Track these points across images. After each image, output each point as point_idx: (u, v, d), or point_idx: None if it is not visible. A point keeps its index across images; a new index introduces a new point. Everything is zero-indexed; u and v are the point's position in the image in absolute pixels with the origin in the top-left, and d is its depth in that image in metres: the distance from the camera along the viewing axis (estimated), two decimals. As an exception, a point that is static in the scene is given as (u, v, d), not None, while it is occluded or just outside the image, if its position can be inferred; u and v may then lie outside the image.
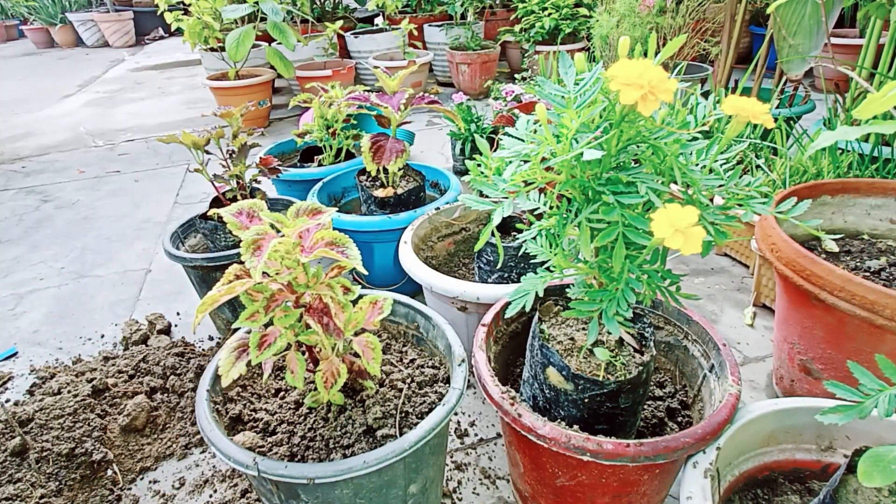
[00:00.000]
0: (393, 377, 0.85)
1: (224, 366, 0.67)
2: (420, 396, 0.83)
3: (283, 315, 0.66)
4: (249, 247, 0.58)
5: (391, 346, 0.96)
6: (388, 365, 0.89)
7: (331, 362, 0.72)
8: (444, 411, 0.72)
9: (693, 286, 1.53)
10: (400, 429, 0.77)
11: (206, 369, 0.83)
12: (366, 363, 0.72)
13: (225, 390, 0.88)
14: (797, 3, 1.49)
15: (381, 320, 0.96)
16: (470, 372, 0.91)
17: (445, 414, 0.72)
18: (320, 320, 0.64)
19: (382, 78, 1.47)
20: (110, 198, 2.39)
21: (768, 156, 1.61)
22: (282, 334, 0.67)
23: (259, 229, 0.62)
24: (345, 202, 1.74)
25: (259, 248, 0.59)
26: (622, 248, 0.58)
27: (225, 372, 0.67)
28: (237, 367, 0.67)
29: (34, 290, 1.72)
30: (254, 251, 0.59)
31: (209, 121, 3.21)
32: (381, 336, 0.98)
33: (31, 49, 7.02)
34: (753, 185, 0.60)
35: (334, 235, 0.64)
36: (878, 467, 0.51)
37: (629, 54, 0.59)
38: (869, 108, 0.55)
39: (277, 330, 0.67)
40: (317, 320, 0.64)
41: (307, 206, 0.69)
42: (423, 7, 4.23)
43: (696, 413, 0.88)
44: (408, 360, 0.91)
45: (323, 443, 0.76)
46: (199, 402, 0.78)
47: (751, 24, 3.64)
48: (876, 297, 0.81)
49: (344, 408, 0.79)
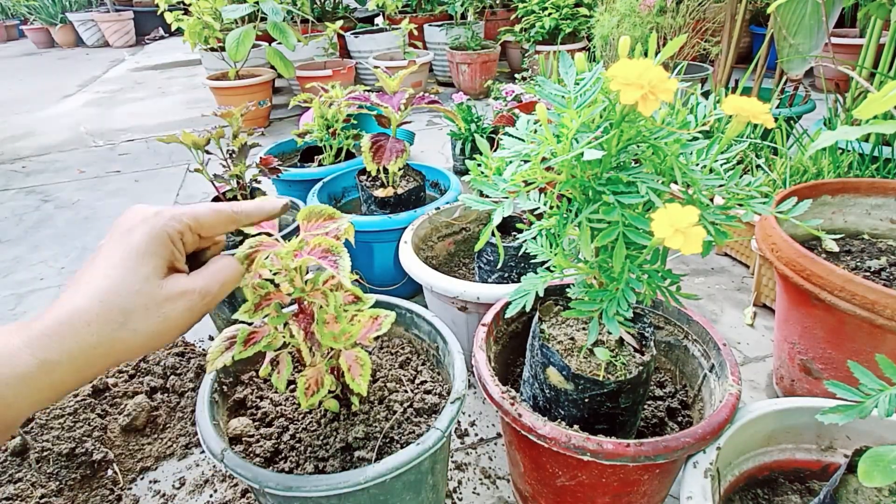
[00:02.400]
0: (393, 397, 0.81)
1: (212, 353, 0.67)
2: (412, 425, 0.78)
3: (276, 315, 0.66)
4: (242, 262, 0.57)
5: (410, 361, 0.92)
6: (396, 382, 0.85)
7: (318, 370, 0.70)
8: (416, 452, 0.66)
9: (693, 286, 1.53)
10: (379, 455, 0.72)
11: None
12: (350, 379, 0.69)
13: (238, 373, 0.87)
14: (798, 3, 1.49)
15: (409, 332, 0.94)
16: (470, 372, 0.90)
17: (416, 455, 0.65)
18: (305, 328, 0.63)
19: (382, 78, 1.47)
20: (111, 198, 2.39)
21: (768, 156, 1.61)
22: (270, 334, 0.66)
23: (253, 241, 0.60)
24: (345, 202, 1.74)
25: (251, 262, 0.58)
26: (622, 247, 0.58)
27: (211, 360, 0.66)
28: (222, 358, 0.66)
29: (34, 290, 1.72)
30: (247, 267, 0.58)
31: (209, 121, 3.21)
32: (404, 349, 0.93)
33: (32, 49, 7.02)
34: (754, 184, 0.60)
35: (330, 244, 0.61)
36: (878, 467, 0.51)
37: (629, 54, 0.59)
38: (869, 108, 0.55)
39: (266, 329, 0.67)
40: (301, 326, 0.63)
41: (321, 210, 0.66)
42: (423, 7, 4.23)
43: (697, 413, 0.88)
44: (419, 381, 0.86)
45: (303, 448, 0.74)
46: (205, 381, 0.77)
47: (751, 24, 3.63)
48: (876, 297, 0.81)
49: (337, 417, 0.77)
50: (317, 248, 0.61)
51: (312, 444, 0.74)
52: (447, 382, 0.86)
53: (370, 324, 0.74)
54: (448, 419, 0.71)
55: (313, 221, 0.66)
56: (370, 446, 0.73)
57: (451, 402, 0.74)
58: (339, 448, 0.73)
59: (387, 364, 0.89)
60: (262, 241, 0.62)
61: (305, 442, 0.75)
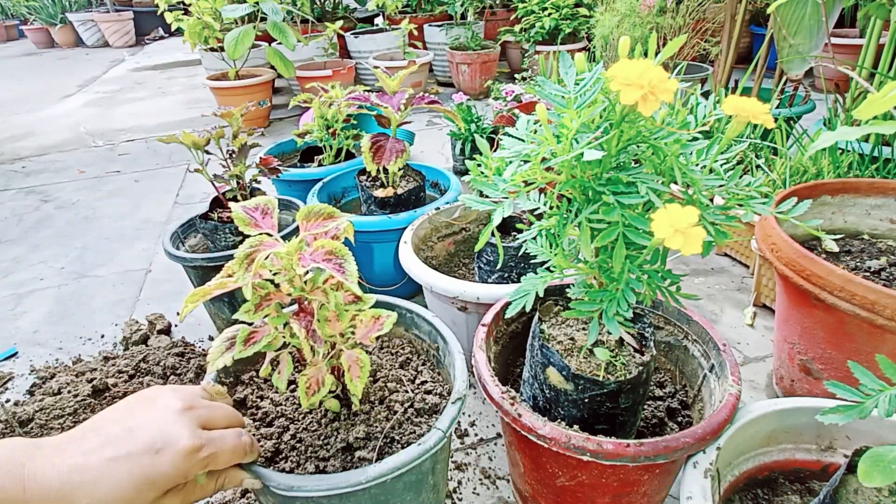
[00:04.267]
0: (394, 397, 0.81)
1: (212, 354, 0.67)
2: (413, 425, 0.78)
3: (276, 315, 0.65)
4: (242, 262, 0.57)
5: (410, 361, 0.92)
6: (396, 382, 0.85)
7: (319, 369, 0.70)
8: (417, 452, 0.66)
9: (693, 286, 1.53)
10: (380, 455, 0.72)
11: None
12: (349, 380, 0.69)
13: (238, 373, 0.87)
14: (798, 3, 1.49)
15: (409, 333, 0.94)
16: (470, 372, 0.90)
17: (417, 455, 0.66)
18: (306, 325, 0.63)
19: (382, 78, 1.47)
20: (110, 198, 2.39)
21: (768, 156, 1.61)
22: (270, 334, 0.66)
23: (254, 241, 0.60)
24: (345, 202, 1.74)
25: (251, 262, 0.58)
26: (622, 248, 0.58)
27: (212, 360, 0.66)
28: (223, 359, 0.66)
29: (34, 290, 1.72)
30: (247, 266, 0.58)
31: (209, 121, 3.21)
32: (404, 349, 0.93)
33: (31, 49, 7.02)
34: (754, 185, 0.60)
35: (333, 246, 0.61)
36: (878, 467, 0.51)
37: (629, 54, 0.59)
38: (870, 109, 0.55)
39: (267, 329, 0.66)
40: (302, 325, 0.63)
41: (320, 210, 0.66)
42: (423, 7, 4.23)
43: (697, 413, 0.88)
44: (419, 381, 0.86)
45: (304, 447, 0.74)
46: (206, 380, 0.78)
47: (751, 24, 3.64)
48: (876, 297, 0.81)
49: (338, 417, 0.77)
50: (319, 250, 0.61)
51: (313, 444, 0.74)
52: (448, 383, 0.85)
53: (371, 324, 0.73)
54: (449, 419, 0.71)
55: (312, 221, 0.66)
56: (371, 446, 0.73)
57: (452, 402, 0.73)
58: (340, 448, 0.73)
59: (387, 364, 0.89)
60: (262, 240, 0.61)
61: (306, 442, 0.75)
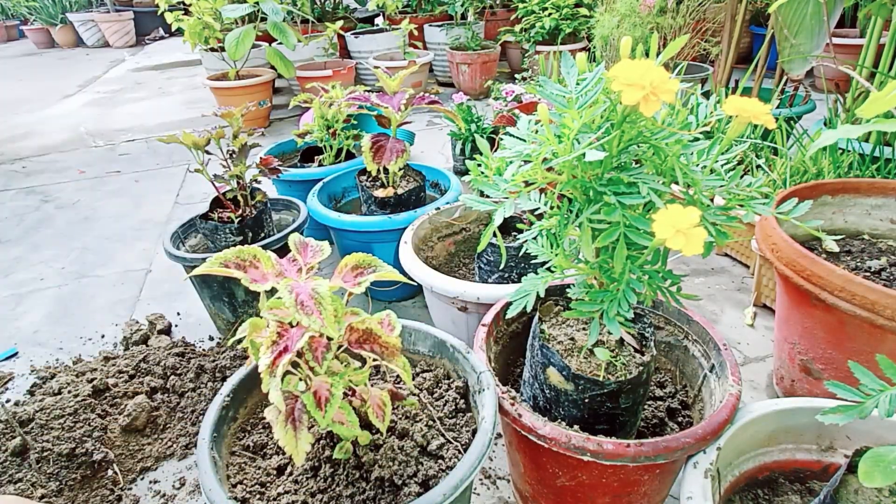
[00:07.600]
0: (427, 434, 0.78)
1: (287, 442, 0.59)
2: (423, 468, 0.75)
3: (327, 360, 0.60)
4: (269, 348, 0.54)
5: (444, 395, 0.87)
6: (427, 417, 0.81)
7: (371, 394, 0.69)
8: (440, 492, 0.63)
9: (693, 286, 1.53)
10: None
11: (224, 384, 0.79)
12: (374, 418, 0.68)
13: (247, 416, 0.83)
14: (799, 3, 1.49)
15: (452, 364, 0.90)
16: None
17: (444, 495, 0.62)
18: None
19: (383, 78, 1.47)
20: (111, 198, 2.39)
21: (769, 156, 1.61)
22: (333, 383, 0.61)
23: (278, 317, 0.57)
24: (345, 202, 1.74)
25: (285, 349, 0.55)
26: (623, 248, 0.58)
27: (295, 452, 0.59)
28: (302, 442, 0.59)
29: (35, 291, 1.72)
30: (276, 356, 0.54)
31: (209, 121, 3.21)
32: (440, 385, 0.88)
33: (32, 49, 7.02)
34: (754, 185, 0.60)
35: (372, 329, 0.61)
36: (878, 467, 0.51)
37: (630, 55, 0.59)
38: (872, 108, 0.55)
39: (324, 383, 0.62)
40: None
41: (352, 263, 0.65)
42: (423, 7, 4.23)
43: (697, 413, 0.88)
44: (448, 414, 0.82)
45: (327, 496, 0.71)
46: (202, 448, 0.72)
47: (751, 24, 3.63)
48: (876, 297, 0.81)
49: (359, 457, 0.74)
50: (355, 334, 0.62)
51: (345, 494, 0.71)
52: (474, 422, 0.82)
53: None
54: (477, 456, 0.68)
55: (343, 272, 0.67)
56: (387, 490, 0.72)
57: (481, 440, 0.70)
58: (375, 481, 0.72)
59: (423, 398, 0.86)
60: (284, 325, 0.59)
61: (333, 495, 0.72)
